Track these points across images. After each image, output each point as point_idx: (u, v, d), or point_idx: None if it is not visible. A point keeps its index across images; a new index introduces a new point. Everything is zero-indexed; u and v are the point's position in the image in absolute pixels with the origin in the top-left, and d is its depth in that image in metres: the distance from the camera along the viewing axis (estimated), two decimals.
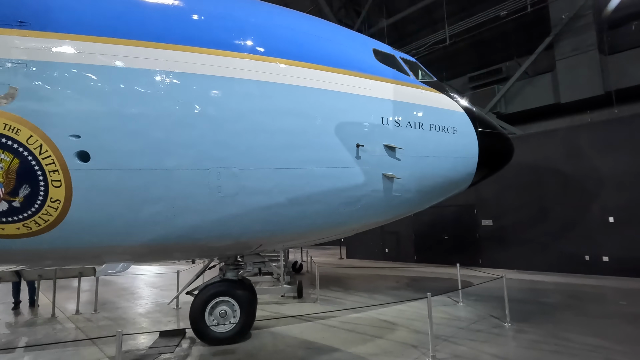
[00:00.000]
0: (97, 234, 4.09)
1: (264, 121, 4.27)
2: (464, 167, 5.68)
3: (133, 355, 4.67)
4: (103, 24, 3.83)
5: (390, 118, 4.98)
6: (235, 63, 4.16)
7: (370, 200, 5.04)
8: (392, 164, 5.01)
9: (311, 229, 5.06)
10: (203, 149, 4.05)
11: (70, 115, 3.69)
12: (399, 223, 14.23)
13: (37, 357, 4.72)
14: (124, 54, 3.83)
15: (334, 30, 5.35)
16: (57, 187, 3.75)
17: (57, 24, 3.73)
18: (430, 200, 5.88)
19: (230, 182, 4.20)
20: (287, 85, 4.39)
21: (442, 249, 13.04)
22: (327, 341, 4.99)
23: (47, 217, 3.83)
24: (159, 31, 3.97)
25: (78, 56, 3.70)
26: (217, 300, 5.05)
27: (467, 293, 7.93)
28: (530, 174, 11.06)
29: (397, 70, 5.38)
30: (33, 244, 3.96)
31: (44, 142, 3.65)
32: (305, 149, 4.46)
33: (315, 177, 4.56)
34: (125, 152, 3.84)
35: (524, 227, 11.04)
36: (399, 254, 14.43)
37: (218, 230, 4.45)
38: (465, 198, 12.38)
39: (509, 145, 6.35)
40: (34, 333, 5.83)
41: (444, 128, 5.41)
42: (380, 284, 9.56)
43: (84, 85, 3.71)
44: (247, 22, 4.49)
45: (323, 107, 4.57)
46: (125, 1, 4.00)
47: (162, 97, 3.90)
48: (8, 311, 7.43)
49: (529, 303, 6.89)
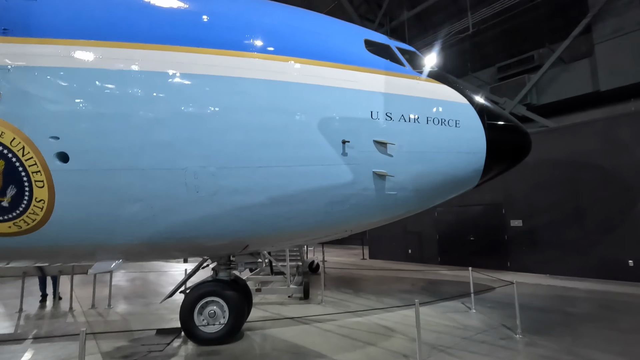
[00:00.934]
0: (82, 232, 4.18)
1: (240, 118, 4.15)
2: (469, 163, 5.22)
3: (123, 352, 4.76)
4: (79, 26, 3.90)
5: (380, 112, 4.67)
6: (208, 59, 4.07)
7: (361, 199, 4.77)
8: (384, 161, 4.70)
9: (299, 230, 4.88)
10: (178, 148, 4.01)
11: (49, 117, 3.78)
12: (422, 223, 13.68)
13: (37, 349, 4.95)
14: (99, 55, 3.88)
15: (320, 23, 5.13)
16: (41, 187, 3.87)
17: (37, 29, 3.84)
18: (432, 199, 5.48)
19: (208, 182, 4.13)
20: (265, 80, 4.24)
21: (467, 250, 12.30)
22: (315, 346, 4.79)
23: (34, 217, 3.96)
24: (133, 31, 3.98)
25: (55, 59, 3.79)
26: (206, 300, 5.02)
27: (484, 299, 7.36)
28: (565, 169, 10.09)
29: (392, 61, 5.04)
30: (25, 241, 4.13)
31: (26, 144, 3.77)
32: (285, 146, 4.29)
33: (298, 176, 4.38)
34: (102, 152, 3.88)
35: (558, 228, 10.10)
36: (422, 256, 13.83)
37: (199, 230, 4.41)
38: (492, 196, 11.61)
39: (525, 138, 5.77)
40: (45, 325, 6.17)
41: (444, 121, 5.00)
42: (394, 286, 9.17)
43: (61, 87, 3.79)
44: (223, 16, 4.40)
45: (304, 102, 4.37)
46: (99, 4, 4.05)
47: (136, 97, 3.90)
48: (36, 303, 7.96)
49: (551, 312, 6.24)
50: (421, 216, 13.97)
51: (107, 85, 3.86)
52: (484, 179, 5.56)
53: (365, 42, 5.03)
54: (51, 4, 3.94)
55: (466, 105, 5.21)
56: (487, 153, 5.24)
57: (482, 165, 5.28)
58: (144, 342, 5.07)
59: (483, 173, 5.37)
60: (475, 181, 5.46)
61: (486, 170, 5.37)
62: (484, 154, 5.24)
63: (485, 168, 5.32)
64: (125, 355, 4.63)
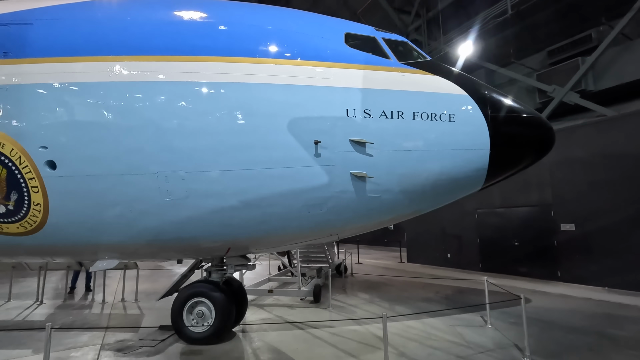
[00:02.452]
0: (76, 233, 4.55)
1: (207, 122, 4.19)
2: (469, 162, 4.68)
3: (121, 345, 5.08)
4: (63, 44, 4.24)
5: (357, 109, 4.39)
6: (175, 67, 4.17)
7: (341, 202, 4.53)
8: (363, 161, 4.41)
9: (278, 233, 4.80)
10: (149, 154, 4.17)
11: (39, 128, 4.18)
12: (462, 225, 12.70)
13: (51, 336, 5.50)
14: (78, 70, 4.19)
15: (296, 20, 4.96)
16: (36, 192, 4.28)
17: (30, 51, 4.27)
18: (427, 202, 5.02)
19: (179, 186, 4.23)
20: (232, 83, 4.23)
21: (511, 257, 11.10)
22: (296, 353, 4.65)
23: (35, 219, 4.41)
24: (104, 45, 4.22)
25: (42, 77, 4.17)
26: (195, 300, 5.16)
27: (511, 313, 6.54)
28: (627, 165, 8.60)
29: (376, 54, 4.72)
30: (32, 241, 4.61)
31: (22, 153, 4.20)
32: (254, 149, 4.23)
33: (269, 178, 4.29)
34: (84, 159, 4.19)
35: (618, 233, 8.64)
36: (461, 261, 12.81)
37: (177, 233, 4.54)
38: (540, 197, 10.36)
39: (543, 131, 5.02)
40: (71, 315, 6.86)
41: (435, 115, 4.54)
42: (416, 293, 8.60)
43: (47, 101, 4.16)
44: (189, 22, 4.47)
45: (273, 103, 4.27)
46: (75, 24, 4.35)
47: (109, 107, 4.14)
48: (74, 294, 8.93)
49: (586, 334, 5.33)
50: (460, 218, 13.00)
51: (85, 98, 4.15)
52: (492, 179, 4.94)
53: (346, 37, 4.77)
54: (41, 26, 4.35)
55: (463, 96, 4.68)
56: (493, 150, 4.64)
57: (486, 164, 4.69)
58: (143, 337, 5.37)
59: (489, 173, 4.76)
60: (479, 182, 4.87)
61: (493, 169, 4.76)
62: (487, 151, 4.65)
63: (492, 167, 4.72)
64: (120, 348, 4.94)
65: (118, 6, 4.60)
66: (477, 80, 5.14)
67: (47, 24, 4.31)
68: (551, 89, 10.65)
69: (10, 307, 7.64)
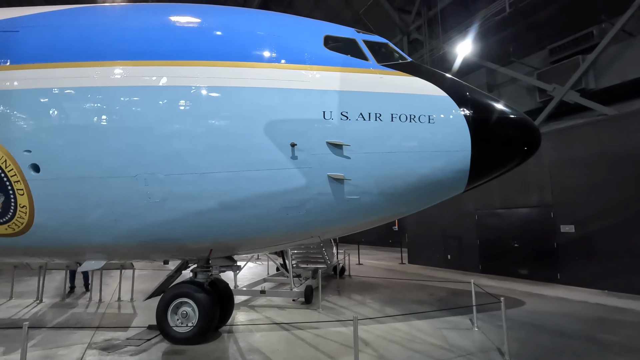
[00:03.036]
0: (61, 234, 4.66)
1: (185, 126, 4.26)
2: (450, 163, 4.64)
3: (108, 343, 5.18)
4: (44, 51, 4.36)
5: (334, 111, 4.40)
6: (152, 71, 4.24)
7: (319, 204, 4.55)
8: (340, 164, 4.41)
9: (259, 235, 4.85)
10: (128, 157, 4.25)
11: (22, 132, 4.30)
12: (461, 226, 12.57)
13: (40, 334, 5.64)
14: (61, 75, 4.29)
15: (274, 23, 4.99)
16: (22, 195, 4.41)
17: (16, 57, 4.39)
18: (407, 204, 5.00)
19: (158, 188, 4.30)
20: (208, 87, 4.28)
21: (511, 259, 10.94)
22: (276, 354, 4.68)
23: (22, 220, 4.53)
24: (87, 51, 4.32)
25: (25, 82, 4.29)
26: (179, 300, 5.22)
27: (499, 316, 6.42)
28: (629, 166, 8.40)
29: (355, 56, 4.72)
30: (21, 241, 4.74)
31: (7, 157, 4.32)
32: (230, 151, 4.28)
33: (246, 181, 4.34)
34: (66, 162, 4.29)
35: (618, 235, 8.44)
36: (462, 262, 12.67)
37: (158, 235, 4.62)
38: (540, 197, 10.20)
39: (528, 132, 4.96)
40: (66, 313, 7.02)
41: (413, 117, 4.52)
42: (410, 295, 8.55)
43: (31, 106, 4.28)
44: (170, 28, 4.54)
45: (249, 106, 4.31)
46: (55, 31, 4.47)
47: (89, 111, 4.24)
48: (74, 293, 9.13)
49: (573, 338, 5.23)
50: (460, 218, 12.86)
51: (66, 103, 4.25)
52: (475, 181, 4.90)
53: (326, 39, 4.79)
54: (26, 34, 4.47)
55: (443, 97, 4.64)
56: (475, 151, 4.60)
57: (468, 165, 4.64)
58: (130, 337, 5.47)
59: (471, 174, 4.72)
60: (462, 183, 4.82)
61: (476, 171, 4.72)
62: (469, 152, 4.60)
63: (474, 168, 4.68)
64: (105, 347, 5.04)
65: (95, 14, 4.70)
66: (459, 80, 5.10)
67: (30, 32, 4.43)
68: (551, 87, 10.46)
69: (10, 305, 7.86)
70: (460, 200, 12.92)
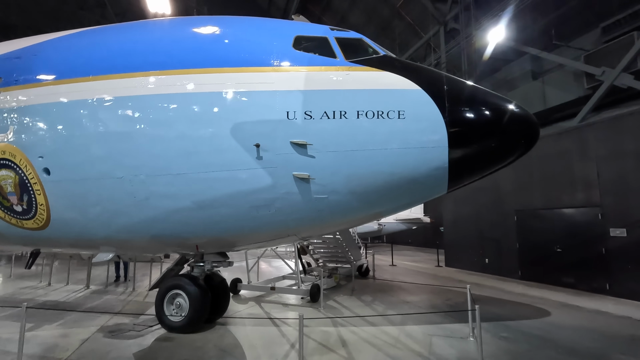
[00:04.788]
0: (73, 229, 5.35)
1: (161, 131, 4.61)
2: (424, 161, 4.41)
3: (117, 327, 5.80)
4: (51, 71, 5.04)
5: (298, 111, 4.43)
6: (135, 82, 4.67)
7: (287, 203, 4.62)
8: (305, 163, 4.44)
9: (234, 232, 5.06)
10: (115, 160, 4.74)
11: (36, 140, 5.02)
12: (500, 227, 11.61)
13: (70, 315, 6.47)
14: (63, 91, 4.93)
15: (245, 29, 5.13)
16: (39, 195, 5.15)
17: (33, 77, 5.15)
18: (383, 204, 4.84)
19: (141, 188, 4.73)
20: (179, 94, 4.58)
21: (554, 265, 9.82)
22: (251, 349, 4.85)
23: (42, 217, 5.29)
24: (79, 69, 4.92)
25: (37, 98, 5.01)
26: (174, 292, 5.65)
27: (512, 327, 5.88)
28: None
29: (324, 54, 4.69)
30: (45, 234, 5.52)
31: (27, 162, 5.08)
32: (200, 154, 4.54)
33: (216, 181, 4.57)
34: (68, 166, 4.92)
35: None
36: (500, 267, 11.67)
37: (146, 231, 5.07)
38: (586, 197, 9.07)
39: (520, 124, 4.51)
40: (101, 299, 7.94)
41: (382, 113, 4.38)
42: (423, 299, 8.14)
43: (42, 118, 4.99)
44: (142, 42, 4.95)
45: (217, 109, 4.52)
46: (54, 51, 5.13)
47: (82, 120, 4.80)
48: (119, 282, 10.28)
49: (582, 357, 4.60)
50: (498, 219, 11.87)
51: (66, 114, 4.87)
52: (459, 179, 4.60)
53: (297, 39, 4.82)
54: (41, 57, 5.22)
55: (415, 91, 4.42)
56: (453, 147, 4.31)
57: (446, 162, 4.36)
58: (137, 322, 6.05)
59: (452, 172, 4.42)
60: (442, 182, 4.53)
61: (457, 168, 4.42)
62: (446, 148, 4.32)
63: (455, 166, 4.38)
64: (112, 330, 5.66)
65: (80, 37, 5.33)
66: (439, 72, 4.78)
67: (38, 56, 5.18)
68: (600, 71, 9.18)
69: (63, 290, 9.14)
70: (498, 199, 11.93)
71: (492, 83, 14.33)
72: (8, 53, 5.43)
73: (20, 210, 5.33)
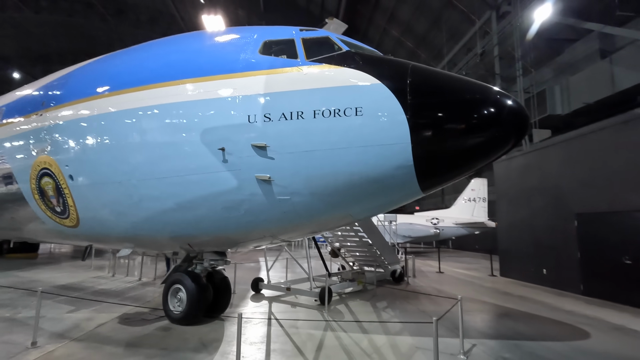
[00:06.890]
0: (96, 227, 6.22)
1: (144, 139, 5.14)
2: (386, 159, 4.19)
3: (129, 316, 6.51)
4: (72, 94, 5.94)
5: (258, 114, 4.54)
6: (118, 99, 5.31)
7: (254, 204, 4.76)
8: (266, 165, 4.53)
9: (214, 232, 5.35)
10: (116, 166, 5.40)
11: (63, 152, 5.95)
12: (559, 233, 10.11)
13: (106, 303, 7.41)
14: (80, 109, 5.78)
15: (216, 41, 5.44)
16: (69, 197, 6.09)
17: (64, 98, 6.13)
18: (349, 207, 4.70)
19: (134, 191, 5.31)
20: (155, 105, 5.06)
21: (622, 279, 8.18)
22: (226, 344, 5.04)
23: (74, 216, 6.25)
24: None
25: (64, 117, 5.94)
26: (175, 286, 6.14)
27: (521, 347, 5.10)
28: None
29: (288, 56, 4.72)
30: (79, 231, 6.52)
31: (58, 170, 6.06)
32: (175, 159, 4.94)
33: (190, 184, 4.92)
34: (81, 173, 5.75)
35: None
36: (559, 280, 10.09)
37: (144, 230, 5.66)
38: None
39: (501, 114, 4.01)
40: (141, 290, 8.94)
41: (338, 111, 4.26)
42: (442, 309, 7.44)
43: (65, 132, 5.90)
44: (121, 63, 5.57)
45: (185, 118, 4.86)
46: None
47: (90, 133, 5.56)
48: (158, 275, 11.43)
49: None
50: (556, 224, 10.28)
51: (79, 129, 5.69)
52: (432, 179, 4.27)
53: (266, 44, 4.93)
54: (71, 79, 6.21)
55: (375, 85, 4.20)
56: (417, 143, 4.01)
57: (410, 160, 4.06)
58: (152, 312, 6.71)
59: (420, 171, 4.09)
60: (410, 182, 4.22)
61: (426, 166, 4.10)
62: (408, 145, 4.03)
63: (423, 163, 4.06)
64: (126, 318, 6.37)
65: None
66: (404, 62, 4.40)
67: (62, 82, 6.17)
68: None
69: (122, 280, 10.52)
70: (556, 201, 10.35)
71: (553, 68, 12.57)
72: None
73: (59, 210, 6.36)
